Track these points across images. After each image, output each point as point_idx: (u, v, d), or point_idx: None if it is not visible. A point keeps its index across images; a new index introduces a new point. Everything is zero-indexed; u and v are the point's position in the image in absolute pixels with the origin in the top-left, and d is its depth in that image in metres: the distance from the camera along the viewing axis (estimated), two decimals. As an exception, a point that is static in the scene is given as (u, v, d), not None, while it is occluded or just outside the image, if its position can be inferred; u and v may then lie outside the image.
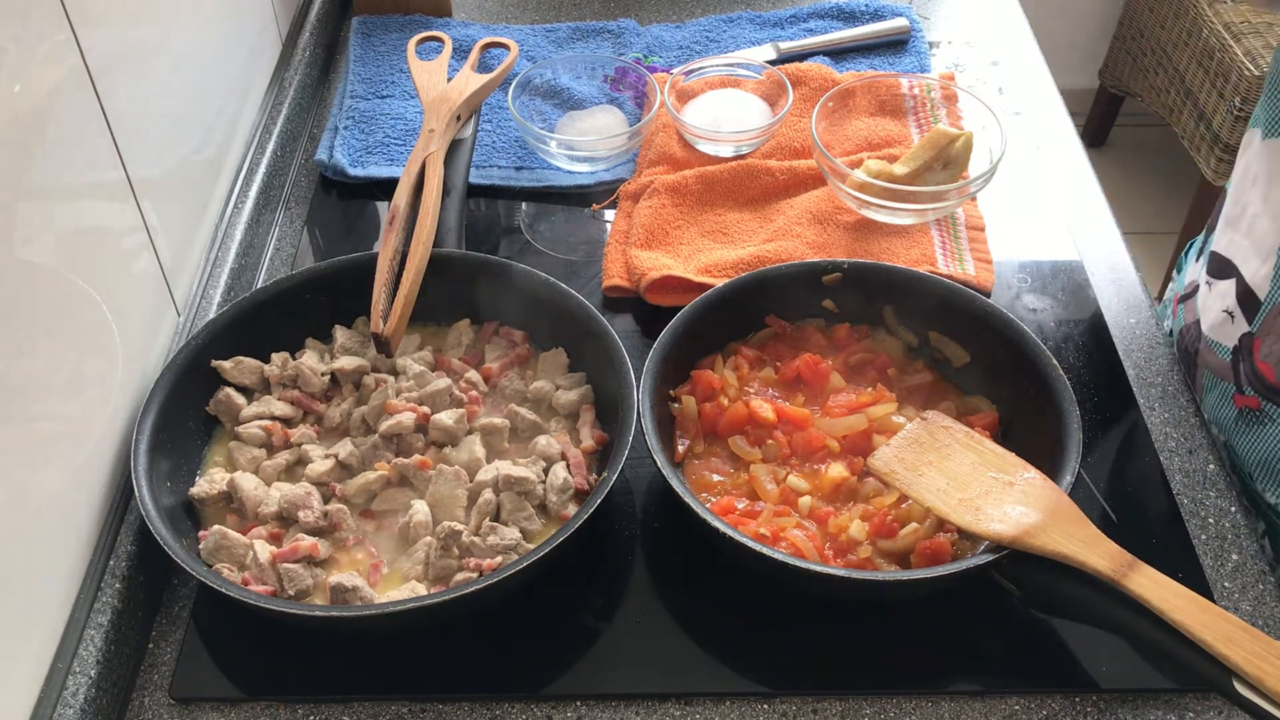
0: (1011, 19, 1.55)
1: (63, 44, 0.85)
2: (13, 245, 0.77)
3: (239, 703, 0.85)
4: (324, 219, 1.26)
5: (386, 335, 0.97)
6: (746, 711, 0.85)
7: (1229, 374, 0.99)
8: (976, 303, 1.00)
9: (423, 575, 0.88)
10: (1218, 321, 1.01)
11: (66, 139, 0.85)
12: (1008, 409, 0.97)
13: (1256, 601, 0.91)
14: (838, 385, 0.99)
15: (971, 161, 1.20)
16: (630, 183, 1.26)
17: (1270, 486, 0.96)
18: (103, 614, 0.84)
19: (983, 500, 0.85)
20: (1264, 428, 0.96)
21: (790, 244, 1.16)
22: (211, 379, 0.99)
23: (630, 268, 1.15)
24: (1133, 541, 0.81)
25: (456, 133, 1.16)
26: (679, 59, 1.45)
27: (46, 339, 0.81)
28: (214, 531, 0.88)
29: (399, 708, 0.85)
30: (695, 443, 0.97)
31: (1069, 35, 2.95)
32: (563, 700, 0.85)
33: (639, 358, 0.95)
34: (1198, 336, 1.05)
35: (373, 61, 1.43)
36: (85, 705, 0.79)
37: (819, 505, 0.91)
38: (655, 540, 0.95)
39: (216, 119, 1.19)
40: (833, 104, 1.26)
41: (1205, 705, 0.85)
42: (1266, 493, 0.97)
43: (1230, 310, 0.99)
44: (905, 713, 0.85)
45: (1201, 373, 1.05)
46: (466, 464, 0.94)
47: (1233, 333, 0.99)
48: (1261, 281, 0.95)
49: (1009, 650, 0.88)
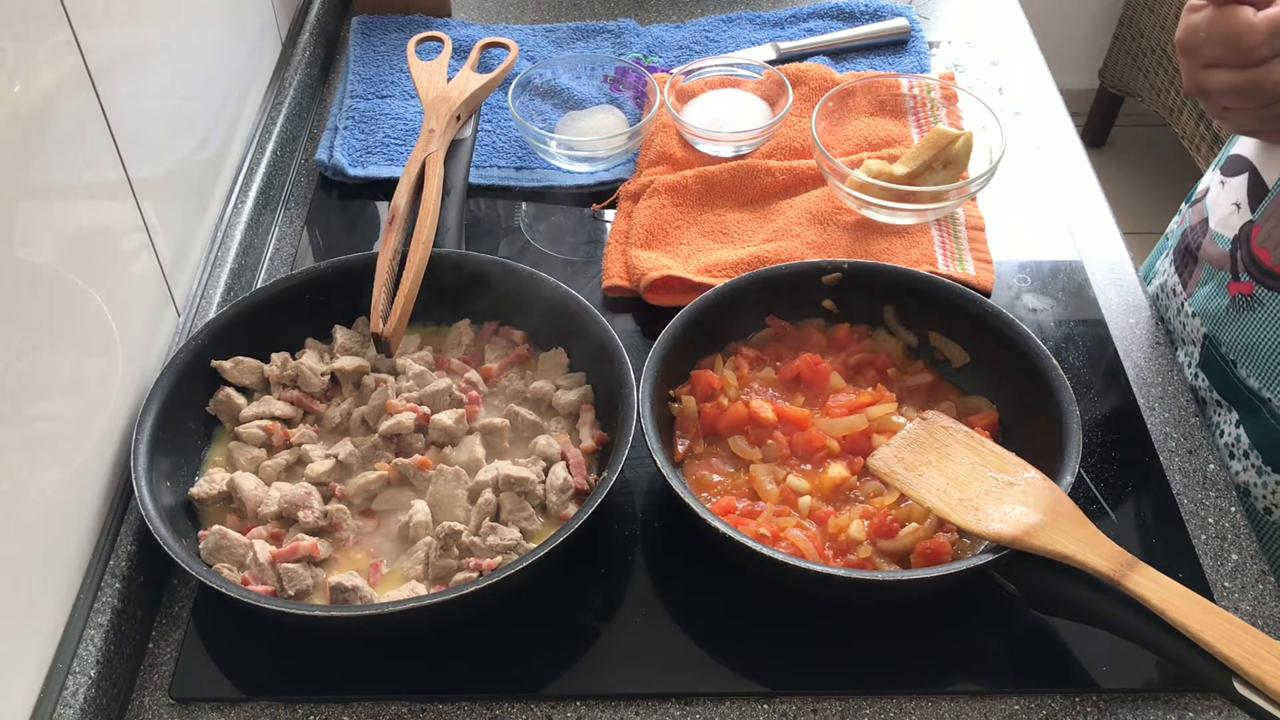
0: (1011, 19, 1.55)
1: (63, 44, 0.85)
2: (13, 245, 0.77)
3: (239, 703, 0.85)
4: (324, 219, 1.26)
5: (386, 335, 0.97)
6: (746, 711, 0.85)
7: (1227, 263, 1.04)
8: (976, 303, 1.00)
9: (423, 575, 0.88)
10: (1225, 214, 1.06)
11: (66, 139, 0.85)
12: (1008, 409, 0.97)
13: (1256, 601, 0.91)
14: (838, 385, 0.99)
15: (971, 161, 1.20)
16: (630, 183, 1.26)
17: (1254, 370, 1.01)
18: (103, 614, 0.84)
19: (983, 500, 0.85)
20: (1254, 313, 1.00)
21: (790, 244, 1.16)
22: (211, 379, 0.99)
23: (630, 268, 1.15)
24: (1133, 541, 0.81)
25: (456, 133, 1.16)
26: (679, 59, 1.45)
27: (46, 339, 0.81)
28: (214, 531, 0.88)
29: (399, 708, 0.85)
30: (695, 443, 0.97)
31: (1069, 35, 2.95)
32: (563, 700, 0.85)
33: (639, 358, 0.95)
34: (1203, 232, 1.09)
35: (373, 61, 1.43)
36: (85, 705, 0.79)
37: (819, 505, 0.91)
38: (655, 540, 0.95)
39: (216, 119, 1.19)
40: (833, 104, 1.26)
41: (1205, 705, 0.85)
42: (1249, 377, 1.01)
43: (1239, 202, 1.04)
44: (905, 713, 0.85)
45: (1200, 267, 1.09)
46: (466, 464, 0.94)
47: (1236, 223, 1.03)
48: (1271, 170, 1.00)
49: (1009, 650, 0.88)
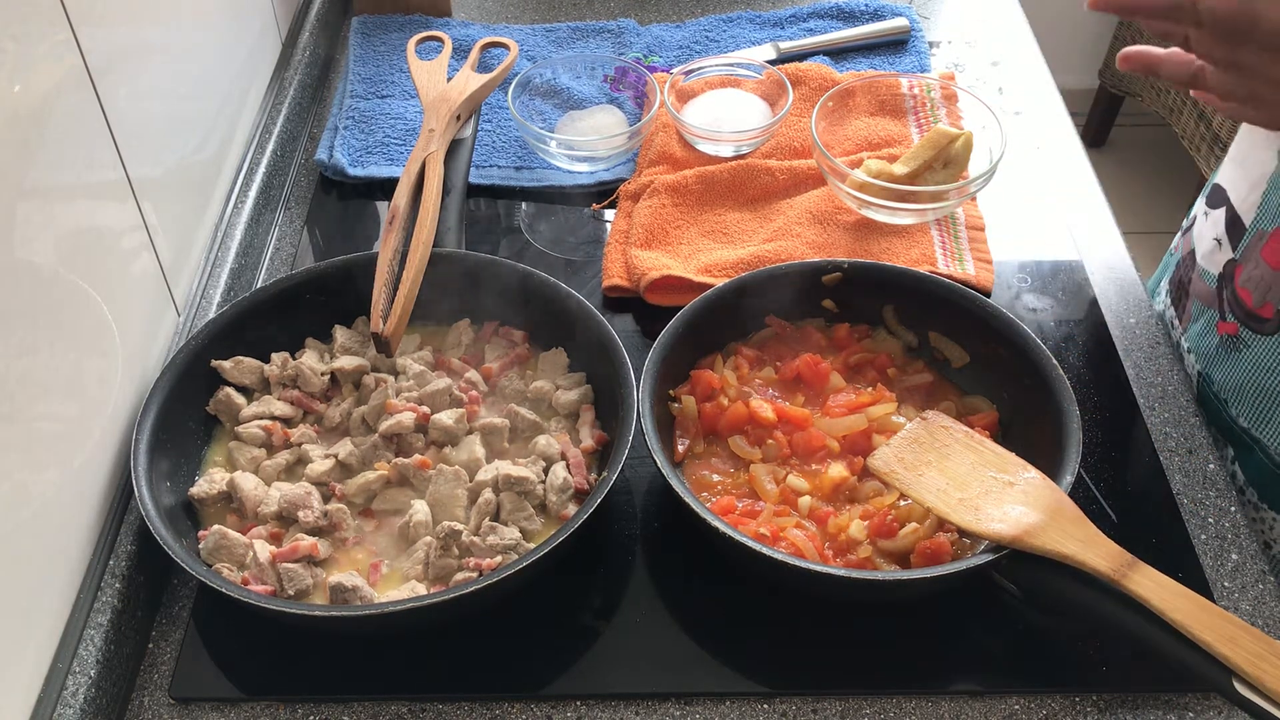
0: (1011, 19, 1.55)
1: (63, 44, 0.85)
2: (13, 245, 0.77)
3: (239, 703, 0.85)
4: (324, 219, 1.26)
5: (386, 335, 0.97)
6: (746, 711, 0.85)
7: (1214, 301, 1.04)
8: (976, 303, 1.00)
9: (423, 575, 0.88)
10: (1208, 250, 1.06)
11: (66, 139, 0.85)
12: (1008, 409, 0.97)
13: (1256, 601, 0.91)
14: (838, 385, 0.99)
15: (971, 161, 1.20)
16: (630, 182, 1.26)
17: (1243, 410, 1.01)
18: (103, 614, 0.84)
19: (983, 500, 0.85)
20: (1240, 354, 1.00)
21: (790, 244, 1.16)
22: (211, 379, 0.99)
23: (630, 268, 1.15)
24: (1133, 541, 0.81)
25: (456, 132, 1.16)
26: (679, 59, 1.45)
27: (46, 339, 0.81)
28: (214, 531, 0.88)
29: (399, 708, 0.85)
30: (695, 443, 0.97)
31: (1069, 35, 2.95)
32: (563, 700, 0.85)
33: (639, 358, 0.95)
34: (1191, 265, 1.09)
35: (373, 61, 1.43)
36: (85, 705, 0.79)
37: (819, 505, 0.91)
38: (655, 540, 0.95)
39: (216, 119, 1.19)
40: (833, 104, 1.26)
41: (1205, 705, 0.85)
42: (1240, 417, 1.02)
43: (1219, 238, 1.04)
44: (905, 713, 0.85)
45: (1191, 302, 1.09)
46: (466, 464, 0.94)
47: (1219, 260, 1.03)
48: (1248, 209, 1.00)
49: (1009, 650, 0.88)
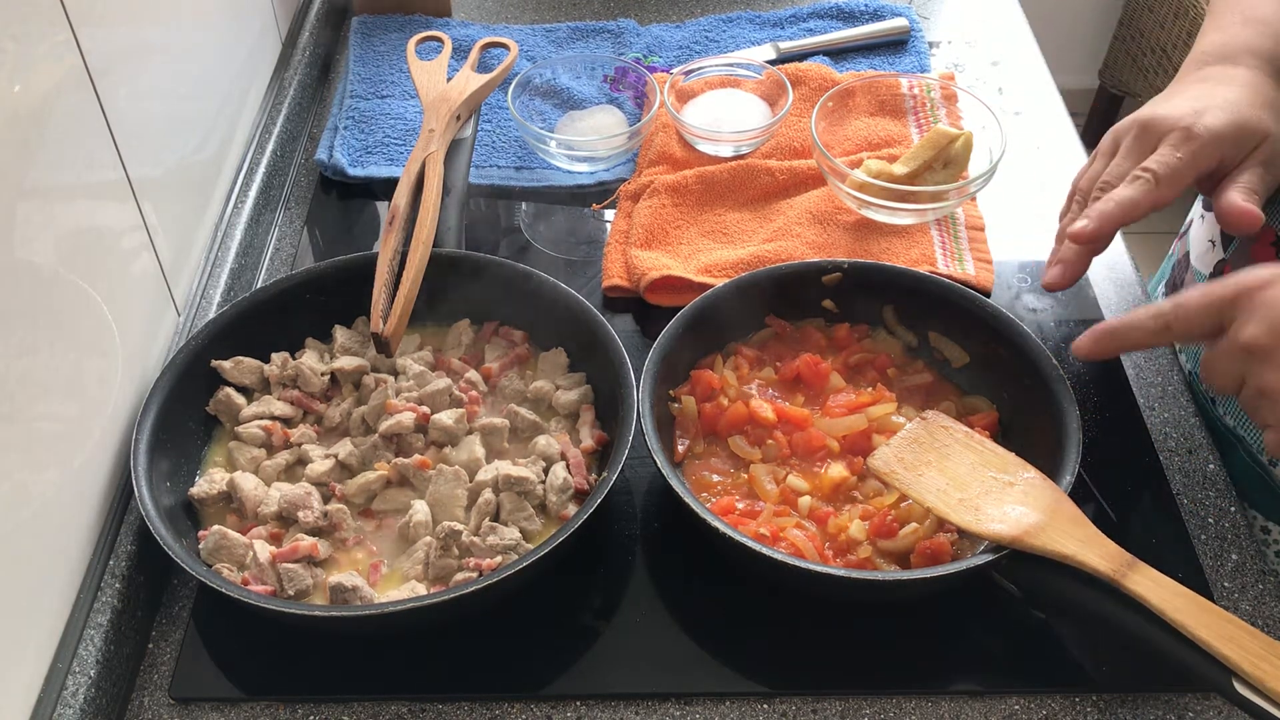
0: (1011, 19, 1.55)
1: (63, 44, 0.85)
2: (13, 245, 0.77)
3: (239, 703, 0.85)
4: (324, 219, 1.26)
5: (386, 335, 0.97)
6: (746, 711, 0.85)
7: None
8: (976, 303, 1.00)
9: (423, 575, 0.88)
10: (1203, 251, 1.07)
11: (66, 139, 0.85)
12: (1008, 409, 0.97)
13: (1256, 601, 0.91)
14: (838, 385, 0.99)
15: (971, 161, 1.20)
16: (630, 183, 1.26)
17: (1229, 409, 1.03)
18: (103, 614, 0.84)
19: (982, 500, 0.85)
20: None
21: (790, 244, 1.16)
22: (211, 379, 0.99)
23: (630, 268, 1.15)
24: (1133, 541, 0.81)
25: (456, 133, 1.16)
26: (679, 59, 1.45)
27: (46, 339, 0.81)
28: (214, 531, 0.88)
29: (399, 708, 0.85)
30: (695, 443, 0.97)
31: (1069, 35, 2.95)
32: (563, 700, 0.85)
33: (639, 358, 0.95)
34: (1186, 267, 1.10)
35: (373, 61, 1.43)
36: (85, 705, 0.79)
37: (819, 505, 0.91)
38: (655, 540, 0.95)
39: (216, 119, 1.19)
40: (832, 104, 1.26)
41: (1205, 705, 0.85)
42: (1226, 415, 1.04)
43: (1214, 239, 1.05)
44: (905, 713, 0.85)
45: None
46: (466, 464, 0.94)
47: (1211, 260, 1.04)
48: None
49: (1009, 650, 0.88)
